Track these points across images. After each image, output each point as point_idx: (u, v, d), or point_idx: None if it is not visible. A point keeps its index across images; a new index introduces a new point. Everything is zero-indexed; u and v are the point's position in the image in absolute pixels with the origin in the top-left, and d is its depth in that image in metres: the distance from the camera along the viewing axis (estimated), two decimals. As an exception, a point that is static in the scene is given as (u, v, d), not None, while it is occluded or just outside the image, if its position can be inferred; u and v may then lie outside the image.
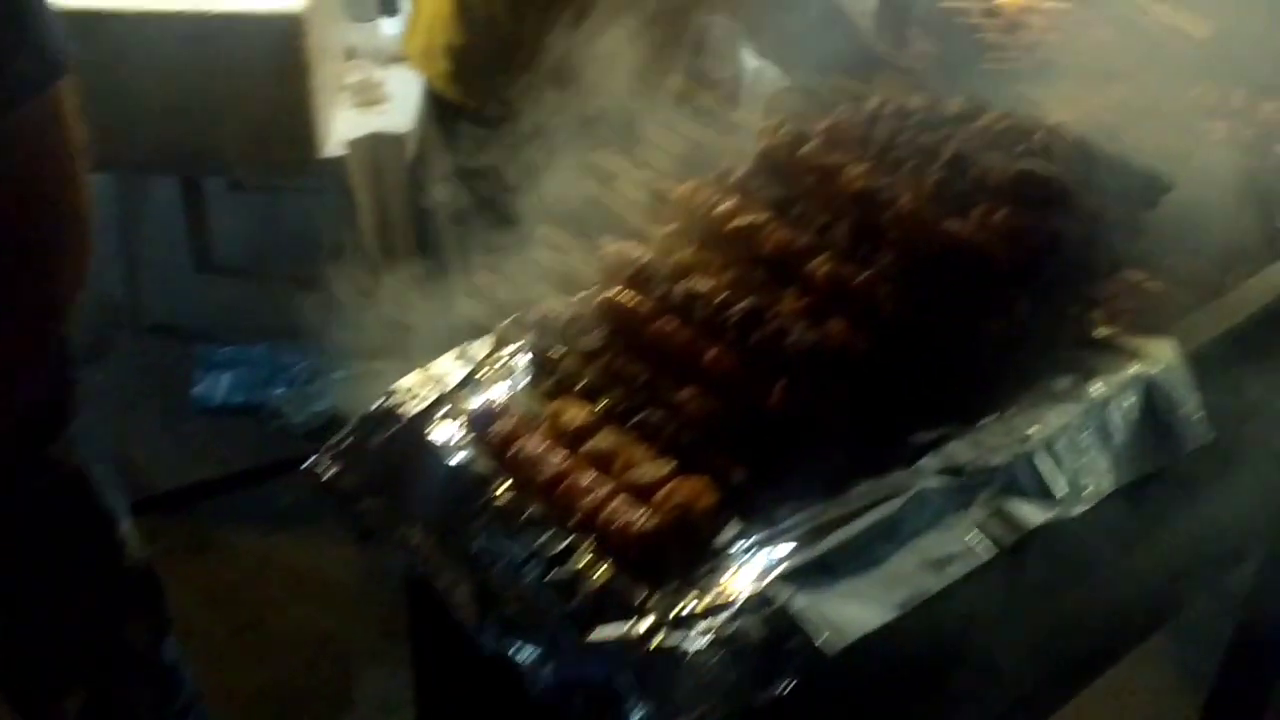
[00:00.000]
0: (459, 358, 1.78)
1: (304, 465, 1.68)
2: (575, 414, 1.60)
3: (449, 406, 1.68)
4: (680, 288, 1.68)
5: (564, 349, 1.70)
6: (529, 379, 1.73)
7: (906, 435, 1.64)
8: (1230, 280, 2.16)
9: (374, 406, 1.70)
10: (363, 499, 1.64)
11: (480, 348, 1.79)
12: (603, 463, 1.54)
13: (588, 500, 1.47)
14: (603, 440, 1.56)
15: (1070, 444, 1.69)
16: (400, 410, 1.69)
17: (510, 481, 1.55)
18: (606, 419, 1.61)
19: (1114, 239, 1.94)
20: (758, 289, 1.69)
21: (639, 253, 1.75)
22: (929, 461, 1.60)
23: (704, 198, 1.78)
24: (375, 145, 4.15)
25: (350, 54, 4.46)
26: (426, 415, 1.67)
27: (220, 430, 4.49)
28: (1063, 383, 1.78)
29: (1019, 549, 1.56)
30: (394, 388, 1.72)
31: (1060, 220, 1.78)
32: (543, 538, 1.49)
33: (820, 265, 1.66)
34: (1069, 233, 1.80)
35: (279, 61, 3.92)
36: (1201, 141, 2.37)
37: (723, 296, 1.65)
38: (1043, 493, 1.63)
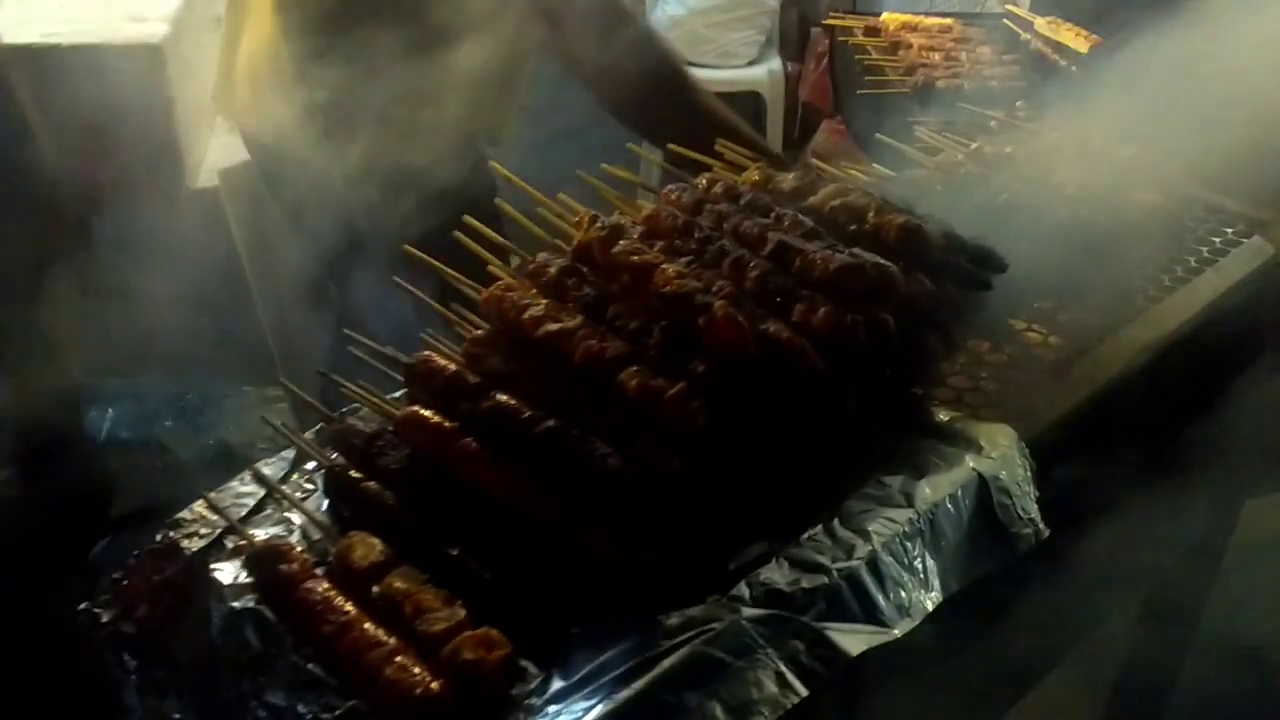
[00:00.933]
0: (254, 479, 1.67)
1: (81, 607, 1.57)
2: (365, 552, 1.50)
3: (235, 540, 1.57)
4: (485, 404, 1.58)
5: (358, 475, 1.59)
6: (327, 504, 1.62)
7: (727, 556, 1.57)
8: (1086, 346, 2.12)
9: (158, 538, 1.59)
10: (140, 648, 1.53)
11: (277, 467, 1.68)
12: (391, 610, 1.44)
13: (368, 659, 1.37)
14: (393, 583, 1.46)
15: (897, 557, 1.61)
16: (184, 545, 1.58)
17: (293, 632, 1.45)
18: (403, 556, 1.52)
19: (949, 320, 1.87)
20: (570, 403, 1.59)
21: (444, 363, 1.65)
22: (742, 589, 1.52)
23: (513, 300, 1.68)
24: (249, 173, 4.01)
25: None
26: (211, 550, 1.57)
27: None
28: (894, 482, 1.71)
29: (842, 679, 1.49)
30: (179, 517, 1.61)
31: (886, 311, 1.71)
32: (322, 701, 1.39)
33: (630, 378, 1.57)
34: (896, 323, 1.72)
35: (141, 93, 3.77)
36: (1058, 192, 2.31)
37: (527, 415, 1.56)
38: (867, 613, 1.55)
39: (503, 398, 1.59)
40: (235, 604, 1.51)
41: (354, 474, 1.60)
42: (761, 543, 1.59)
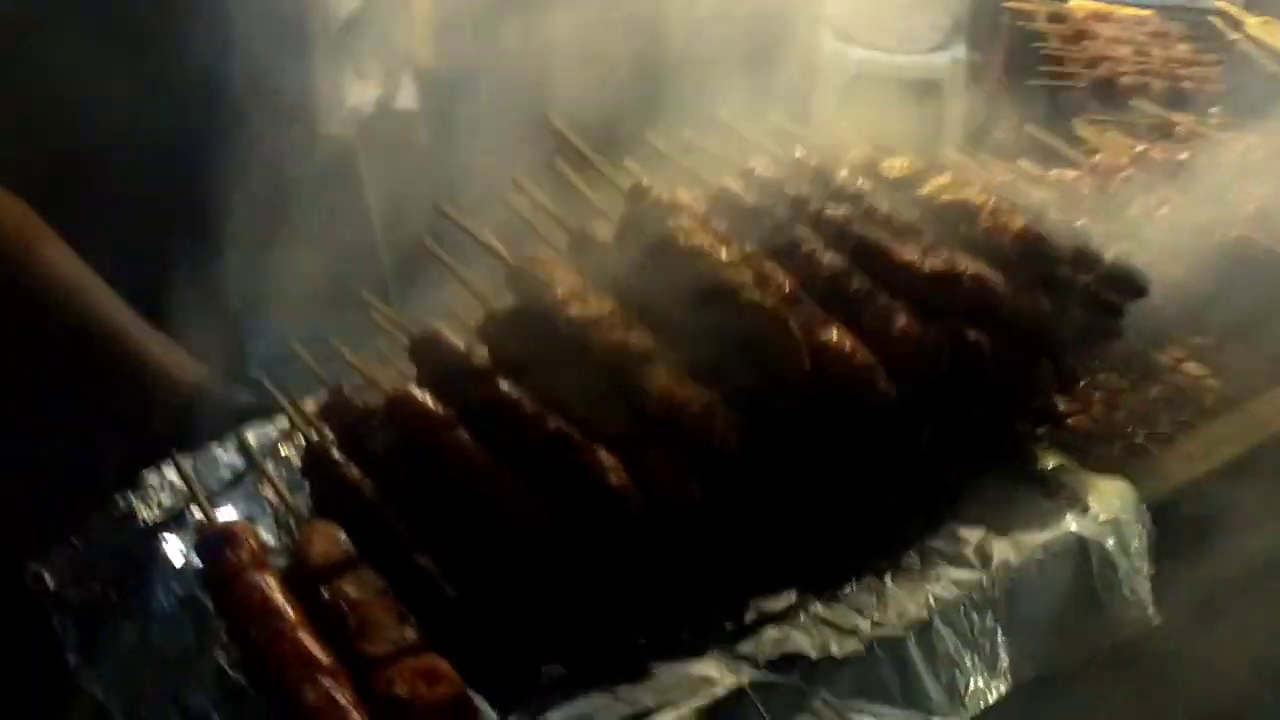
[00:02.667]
0: (239, 449, 1.50)
1: (32, 567, 1.41)
2: (324, 548, 1.30)
3: (198, 515, 1.39)
4: (488, 391, 1.36)
5: (339, 457, 1.39)
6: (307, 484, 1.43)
7: (739, 603, 1.31)
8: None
9: (119, 502, 1.43)
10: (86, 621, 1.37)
11: (263, 434, 1.50)
12: (338, 620, 1.23)
13: (291, 676, 1.16)
14: (345, 588, 1.25)
15: (958, 629, 1.33)
16: (143, 514, 1.41)
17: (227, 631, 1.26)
18: (370, 554, 1.31)
19: (1070, 349, 1.56)
20: (582, 403, 1.36)
21: (452, 340, 1.43)
22: (756, 646, 1.27)
23: (548, 274, 1.45)
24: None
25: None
26: (172, 523, 1.39)
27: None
28: (970, 536, 1.42)
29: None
30: (147, 480, 1.44)
31: (984, 331, 1.42)
32: (239, 715, 1.20)
33: (654, 379, 1.32)
34: (998, 346, 1.43)
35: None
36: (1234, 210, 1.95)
37: (531, 411, 1.33)
38: (908, 696, 1.28)
39: (506, 387, 1.36)
40: (178, 591, 1.33)
41: (335, 455, 1.40)
42: (789, 592, 1.33)
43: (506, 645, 1.24)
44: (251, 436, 1.51)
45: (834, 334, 1.36)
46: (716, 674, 1.24)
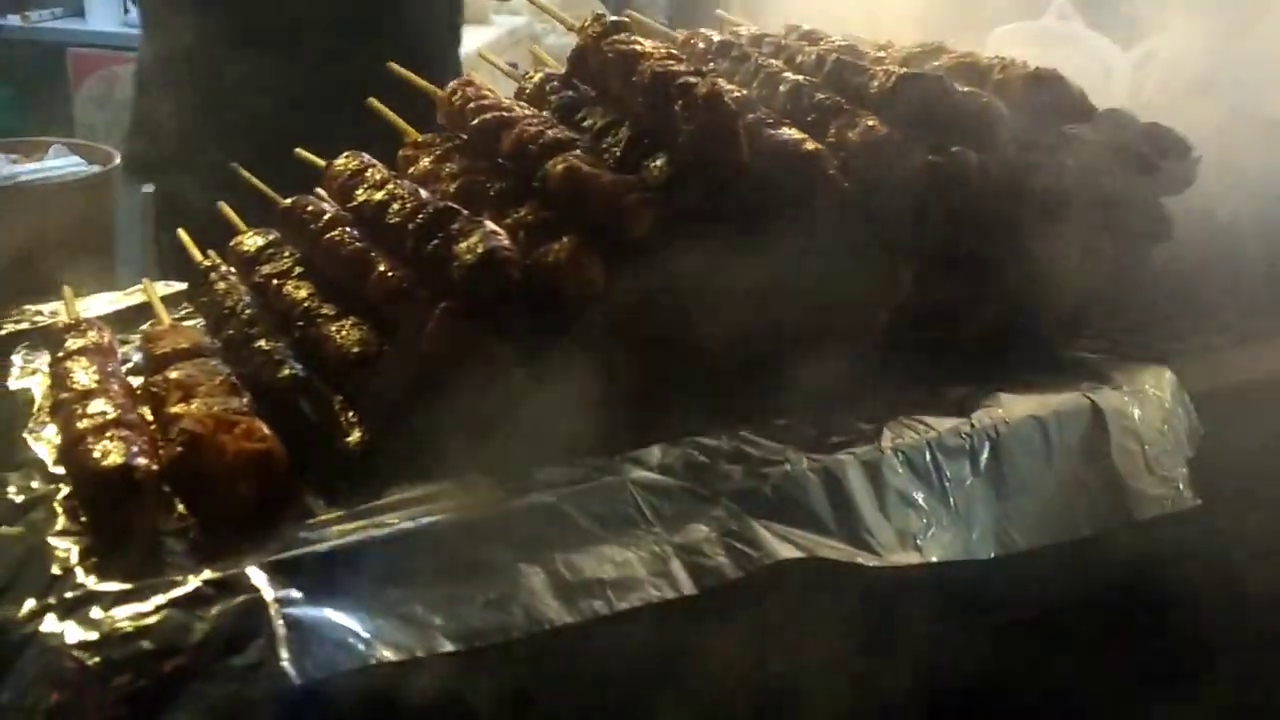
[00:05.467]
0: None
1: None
2: (175, 339, 1.13)
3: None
4: (380, 194, 1.20)
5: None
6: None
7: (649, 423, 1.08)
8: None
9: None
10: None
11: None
12: (160, 396, 1.05)
13: (80, 426, 0.98)
14: (182, 370, 1.07)
15: (919, 471, 1.07)
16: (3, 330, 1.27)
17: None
18: (224, 350, 1.13)
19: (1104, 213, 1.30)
20: (487, 200, 1.18)
21: (356, 163, 1.27)
22: (656, 453, 1.02)
23: (468, 95, 1.30)
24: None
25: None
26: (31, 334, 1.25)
27: None
28: (953, 393, 1.16)
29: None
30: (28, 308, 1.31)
31: (962, 153, 1.19)
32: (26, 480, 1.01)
33: (558, 164, 1.14)
34: (982, 172, 1.20)
35: None
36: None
37: (418, 201, 1.15)
38: (843, 524, 1.01)
39: (404, 185, 1.19)
40: (9, 384, 1.17)
41: (220, 270, 1.25)
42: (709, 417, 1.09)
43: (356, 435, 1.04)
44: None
45: (783, 129, 1.16)
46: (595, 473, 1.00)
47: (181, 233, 1.36)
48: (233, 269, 1.27)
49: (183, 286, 1.38)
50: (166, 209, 2.01)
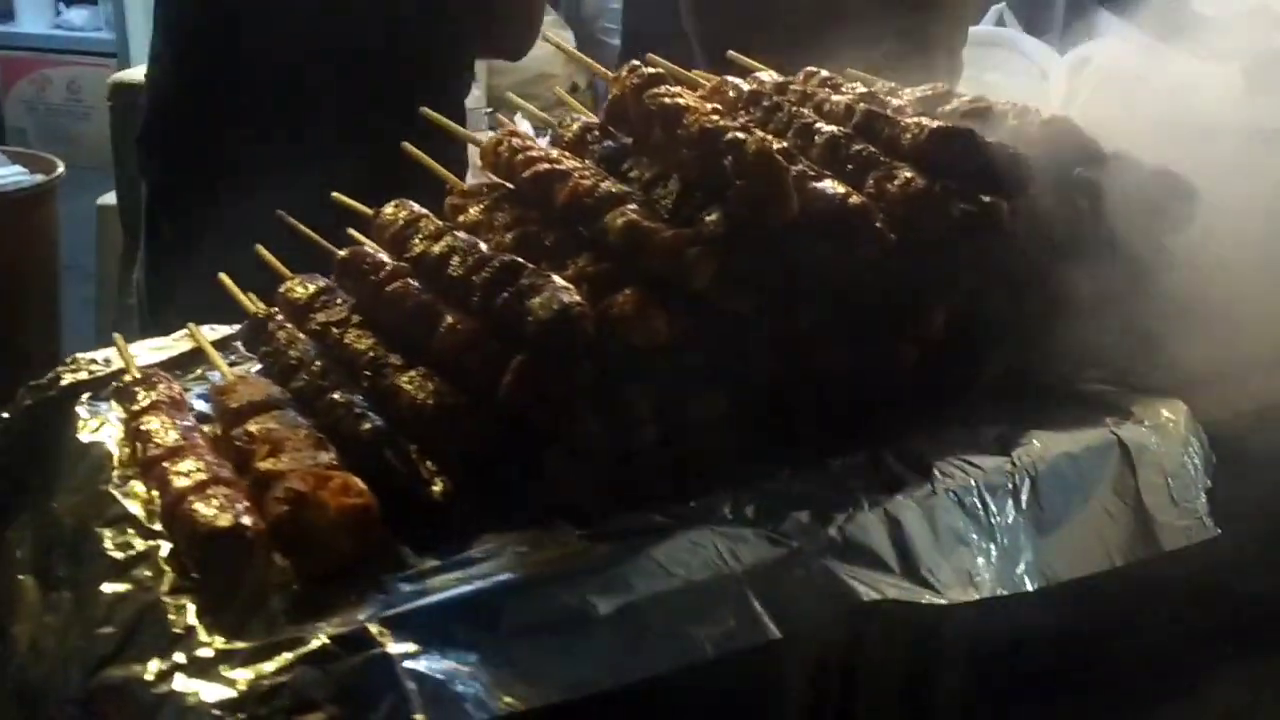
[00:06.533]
0: (189, 335, 1.38)
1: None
2: (249, 392, 1.16)
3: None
4: (439, 245, 1.24)
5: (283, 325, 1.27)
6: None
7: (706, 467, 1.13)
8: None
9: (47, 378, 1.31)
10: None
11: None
12: (246, 449, 1.09)
13: (178, 485, 1.01)
14: (263, 423, 1.11)
15: (969, 510, 1.13)
16: (66, 378, 1.29)
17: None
18: (295, 401, 1.17)
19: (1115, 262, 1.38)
20: (544, 252, 1.22)
21: (407, 212, 1.31)
22: (726, 499, 1.08)
23: (513, 146, 1.34)
24: None
25: None
26: (92, 385, 1.27)
27: None
28: (990, 431, 1.23)
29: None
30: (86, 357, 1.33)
31: (995, 203, 1.26)
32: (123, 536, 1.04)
33: (617, 217, 1.19)
34: (1011, 219, 1.27)
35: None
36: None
37: (480, 254, 1.20)
38: (905, 564, 1.07)
39: (461, 236, 1.23)
40: (83, 437, 1.20)
41: (276, 319, 1.28)
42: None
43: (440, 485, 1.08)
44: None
45: (827, 182, 1.22)
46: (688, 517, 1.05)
47: (224, 278, 1.39)
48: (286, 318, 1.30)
49: (228, 330, 1.41)
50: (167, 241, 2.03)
